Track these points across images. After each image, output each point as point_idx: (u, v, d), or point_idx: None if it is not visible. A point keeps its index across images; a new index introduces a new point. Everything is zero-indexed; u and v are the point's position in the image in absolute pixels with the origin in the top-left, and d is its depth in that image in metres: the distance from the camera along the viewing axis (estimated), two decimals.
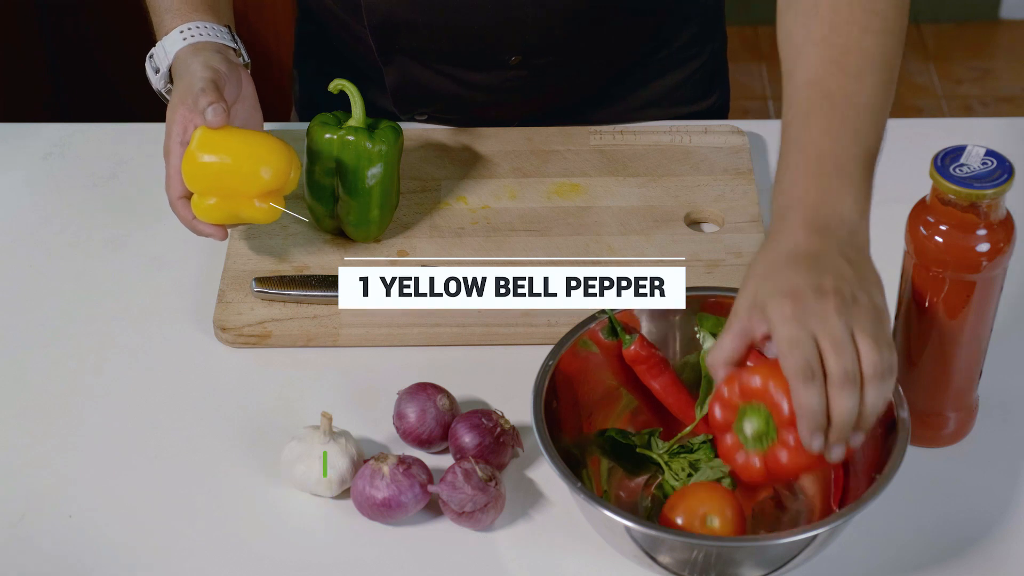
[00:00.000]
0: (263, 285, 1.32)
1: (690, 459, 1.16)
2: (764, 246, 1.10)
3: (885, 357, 1.03)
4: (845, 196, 1.09)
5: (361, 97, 1.33)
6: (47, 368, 1.30)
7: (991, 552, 1.14)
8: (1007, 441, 1.22)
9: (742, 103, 3.16)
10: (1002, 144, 1.16)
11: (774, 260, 1.07)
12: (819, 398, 1.02)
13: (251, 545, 1.15)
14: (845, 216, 1.08)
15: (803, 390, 1.02)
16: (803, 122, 1.13)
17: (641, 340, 1.19)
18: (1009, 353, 1.28)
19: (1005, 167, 1.08)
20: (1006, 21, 3.45)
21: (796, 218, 1.09)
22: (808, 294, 1.04)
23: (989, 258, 1.10)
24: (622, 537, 1.07)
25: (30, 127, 1.58)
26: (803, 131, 1.12)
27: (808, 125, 1.12)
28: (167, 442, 1.23)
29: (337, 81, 1.33)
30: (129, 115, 1.73)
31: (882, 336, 1.04)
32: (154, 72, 1.35)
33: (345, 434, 1.18)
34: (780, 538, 1.05)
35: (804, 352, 1.02)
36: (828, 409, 1.02)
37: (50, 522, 1.17)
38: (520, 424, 1.20)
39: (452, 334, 1.31)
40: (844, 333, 1.03)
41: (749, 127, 1.52)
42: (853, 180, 1.10)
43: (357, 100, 1.33)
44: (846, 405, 1.02)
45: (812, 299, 1.03)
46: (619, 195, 1.43)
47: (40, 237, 1.43)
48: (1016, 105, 3.19)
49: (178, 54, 1.32)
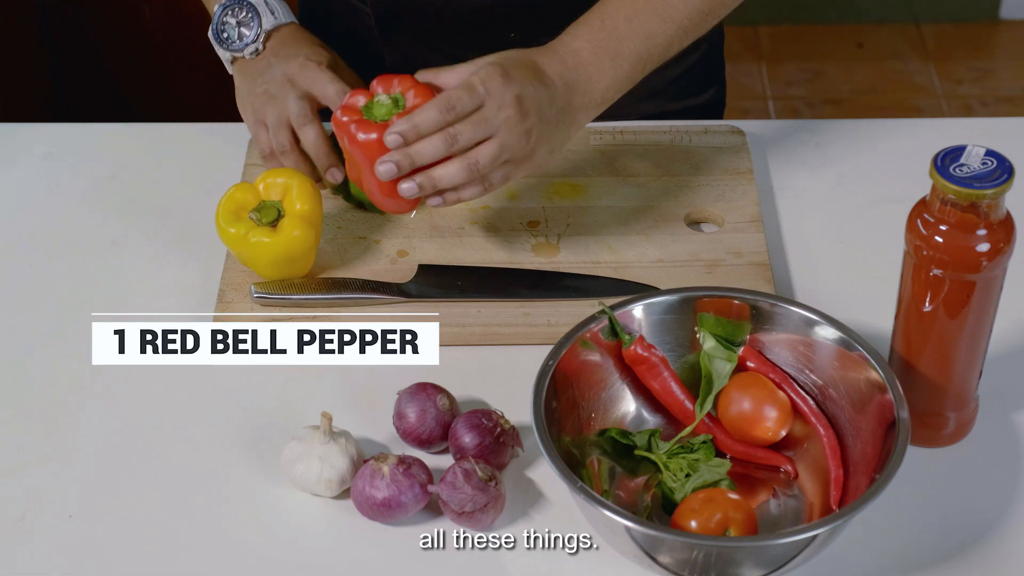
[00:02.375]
0: (262, 290, 1.32)
1: (690, 459, 1.16)
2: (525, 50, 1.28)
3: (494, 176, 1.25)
4: (604, 76, 1.28)
5: None
6: (47, 368, 1.30)
7: (991, 552, 1.14)
8: (1007, 441, 1.22)
9: (742, 103, 3.16)
10: (1002, 144, 1.16)
11: (525, 58, 1.27)
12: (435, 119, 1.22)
13: (251, 545, 1.15)
14: (592, 89, 1.28)
15: (429, 108, 1.22)
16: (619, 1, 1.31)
17: (641, 340, 1.19)
18: (1009, 353, 1.28)
19: (1005, 167, 1.08)
20: (1006, 21, 3.45)
21: (561, 57, 1.28)
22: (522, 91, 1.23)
23: (989, 258, 1.10)
24: (622, 537, 1.07)
25: (30, 127, 1.58)
26: (613, 5, 1.30)
27: (621, 4, 1.30)
28: (167, 442, 1.23)
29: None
30: (129, 115, 1.73)
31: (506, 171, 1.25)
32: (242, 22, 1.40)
33: (345, 434, 1.18)
34: (780, 538, 1.05)
35: (466, 100, 1.22)
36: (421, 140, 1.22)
37: (50, 522, 1.17)
38: (520, 424, 1.20)
39: (452, 334, 1.31)
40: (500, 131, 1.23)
41: (749, 127, 1.53)
42: (618, 71, 1.29)
43: None
44: (430, 150, 1.23)
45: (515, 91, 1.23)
46: (619, 195, 1.43)
47: (40, 237, 1.43)
48: (1016, 105, 3.20)
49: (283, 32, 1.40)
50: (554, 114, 1.26)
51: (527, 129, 1.24)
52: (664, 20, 1.30)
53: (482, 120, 1.23)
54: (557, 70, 1.27)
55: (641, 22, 1.30)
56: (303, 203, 1.31)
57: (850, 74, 3.28)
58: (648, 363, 1.19)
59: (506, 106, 1.23)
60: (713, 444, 1.18)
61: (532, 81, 1.25)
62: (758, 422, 1.17)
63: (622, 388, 1.21)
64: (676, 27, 1.31)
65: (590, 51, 1.29)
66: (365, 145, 1.26)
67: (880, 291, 1.27)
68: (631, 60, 1.30)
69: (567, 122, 1.28)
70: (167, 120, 1.60)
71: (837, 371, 1.17)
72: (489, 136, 1.24)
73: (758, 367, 1.19)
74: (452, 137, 1.23)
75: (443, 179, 1.24)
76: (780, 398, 1.18)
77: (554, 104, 1.26)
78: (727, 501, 1.10)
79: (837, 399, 1.17)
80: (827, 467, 1.14)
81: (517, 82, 1.24)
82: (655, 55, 1.31)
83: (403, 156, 1.23)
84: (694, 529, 1.09)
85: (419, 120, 1.23)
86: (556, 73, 1.27)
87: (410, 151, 1.23)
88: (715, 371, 1.19)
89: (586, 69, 1.28)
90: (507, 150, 1.24)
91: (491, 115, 1.23)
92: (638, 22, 1.30)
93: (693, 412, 1.19)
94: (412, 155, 1.23)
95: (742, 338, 1.20)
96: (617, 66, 1.29)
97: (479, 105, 1.23)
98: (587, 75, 1.28)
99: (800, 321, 1.18)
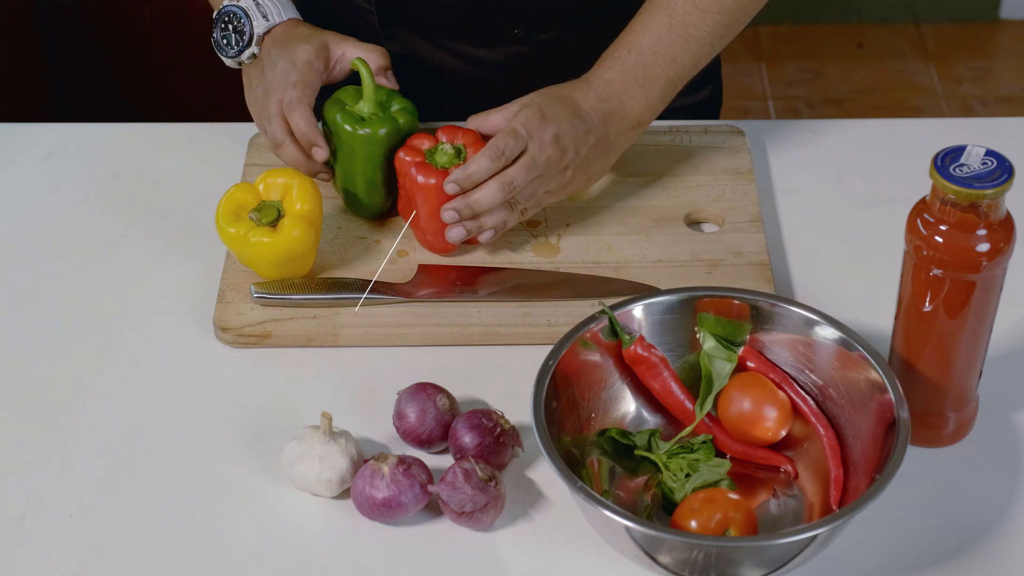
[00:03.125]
0: (262, 289, 1.32)
1: (689, 459, 1.16)
2: (562, 85, 1.35)
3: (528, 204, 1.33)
4: (637, 103, 1.35)
5: (371, 74, 1.35)
6: (47, 368, 1.30)
7: (991, 552, 1.14)
8: (1007, 441, 1.22)
9: (742, 103, 3.16)
10: (1002, 144, 1.16)
11: (562, 94, 1.34)
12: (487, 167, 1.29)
13: (251, 545, 1.15)
14: (626, 115, 1.35)
15: (481, 158, 1.30)
16: (643, 27, 1.36)
17: (641, 340, 1.19)
18: (1009, 353, 1.28)
19: (1005, 167, 1.08)
20: (1006, 21, 3.45)
21: (595, 89, 1.34)
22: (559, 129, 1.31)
23: (989, 258, 1.10)
24: (622, 537, 1.07)
25: (30, 127, 1.58)
26: (637, 35, 1.36)
27: (645, 31, 1.36)
28: (167, 442, 1.23)
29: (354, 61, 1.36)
30: (129, 115, 1.73)
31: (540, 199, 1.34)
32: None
33: (345, 434, 1.18)
34: (780, 538, 1.05)
35: (512, 145, 1.30)
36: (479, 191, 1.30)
37: (50, 522, 1.17)
38: (520, 424, 1.20)
39: (452, 334, 1.31)
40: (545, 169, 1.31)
41: (749, 127, 1.53)
42: (650, 94, 1.35)
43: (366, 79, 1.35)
44: (489, 198, 1.31)
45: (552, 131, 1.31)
46: (619, 195, 1.43)
47: (40, 237, 1.43)
48: (1016, 105, 3.19)
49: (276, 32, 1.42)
50: (591, 146, 1.34)
51: (565, 166, 1.33)
52: (688, 41, 1.35)
53: (531, 163, 1.31)
54: (592, 103, 1.34)
55: (665, 46, 1.35)
56: (303, 203, 1.31)
57: (850, 74, 3.28)
58: (648, 363, 1.19)
59: (546, 146, 1.31)
60: (713, 444, 1.18)
61: (568, 118, 1.32)
62: (758, 422, 1.17)
63: (622, 388, 1.21)
64: (700, 45, 1.36)
65: (620, 81, 1.35)
66: (424, 188, 1.32)
67: (880, 291, 1.27)
68: (661, 83, 1.36)
69: (606, 150, 1.36)
70: (167, 120, 1.60)
71: (837, 371, 1.17)
72: (538, 175, 1.32)
73: (758, 367, 1.19)
74: (509, 184, 1.31)
75: (488, 220, 1.33)
76: (780, 398, 1.18)
77: (590, 136, 1.33)
78: (727, 501, 1.10)
79: (837, 399, 1.17)
80: (827, 467, 1.14)
81: (554, 121, 1.31)
82: (683, 74, 1.37)
83: (465, 206, 1.31)
84: (694, 529, 1.09)
85: (472, 170, 1.31)
86: (591, 106, 1.34)
87: (470, 201, 1.31)
88: (715, 371, 1.19)
89: (619, 98, 1.35)
90: (547, 184, 1.33)
91: (537, 156, 1.31)
92: (662, 47, 1.35)
93: (693, 412, 1.19)
94: (472, 204, 1.31)
95: (742, 338, 1.20)
96: (648, 91, 1.35)
97: (524, 148, 1.31)
98: (620, 103, 1.35)
99: (800, 321, 1.18)
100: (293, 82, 1.36)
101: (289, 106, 1.36)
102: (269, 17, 1.41)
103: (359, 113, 1.35)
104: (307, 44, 1.39)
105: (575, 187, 1.36)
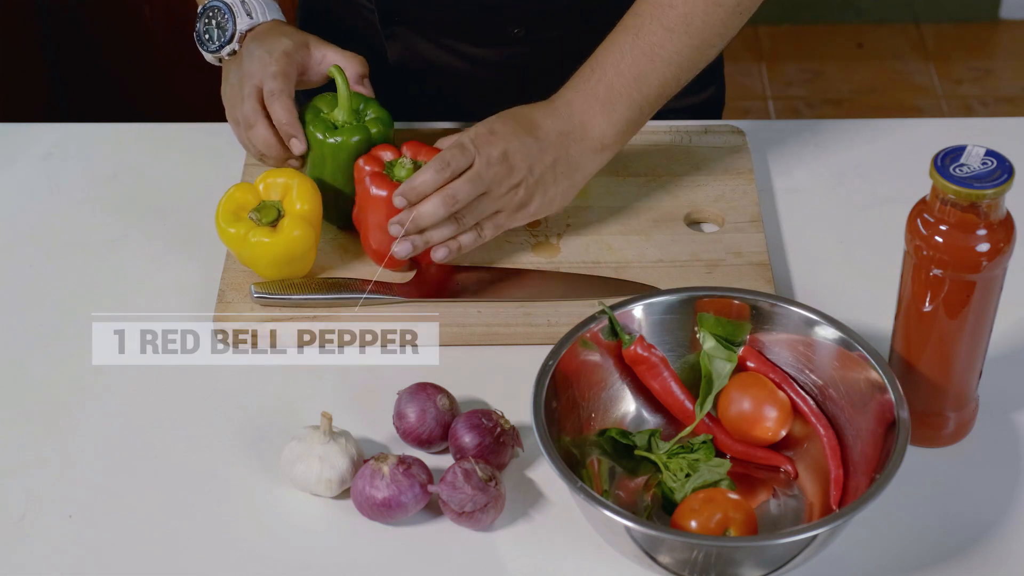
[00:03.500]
0: (262, 289, 1.32)
1: (689, 459, 1.16)
2: (525, 106, 1.33)
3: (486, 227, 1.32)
4: (599, 122, 1.33)
5: (346, 83, 1.34)
6: (47, 368, 1.30)
7: (991, 552, 1.14)
8: (1007, 441, 1.22)
9: (742, 103, 3.16)
10: (1002, 144, 1.16)
11: (519, 114, 1.32)
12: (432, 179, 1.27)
13: (251, 545, 1.15)
14: (588, 136, 1.33)
15: (427, 170, 1.28)
16: (608, 47, 1.34)
17: (641, 340, 1.19)
18: (1009, 353, 1.28)
19: (1005, 167, 1.08)
20: (1006, 21, 3.45)
21: (555, 109, 1.33)
22: (507, 147, 1.29)
23: (989, 258, 1.10)
24: (622, 537, 1.07)
25: (30, 127, 1.58)
26: (602, 55, 1.34)
27: (609, 52, 1.34)
28: (167, 442, 1.23)
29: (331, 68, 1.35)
30: (129, 115, 1.73)
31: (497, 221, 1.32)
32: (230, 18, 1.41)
33: (345, 434, 1.18)
34: (780, 538, 1.05)
35: (459, 158, 1.28)
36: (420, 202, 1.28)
37: (50, 522, 1.17)
38: (520, 424, 1.20)
39: (452, 334, 1.31)
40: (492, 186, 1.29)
41: (749, 127, 1.53)
42: (612, 115, 1.33)
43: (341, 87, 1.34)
44: (431, 212, 1.28)
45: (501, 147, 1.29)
46: (619, 195, 1.43)
47: (40, 237, 1.43)
48: (1016, 105, 3.20)
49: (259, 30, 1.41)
50: (547, 166, 1.31)
51: (515, 183, 1.30)
52: (653, 61, 1.32)
53: (476, 176, 1.29)
54: (551, 123, 1.32)
55: (629, 65, 1.32)
56: (303, 203, 1.31)
57: (850, 74, 3.28)
58: (648, 363, 1.19)
59: (493, 163, 1.29)
60: (713, 444, 1.18)
61: (520, 136, 1.30)
62: (758, 422, 1.17)
63: (622, 388, 1.21)
64: (666, 65, 1.33)
65: (581, 100, 1.33)
66: (374, 200, 1.31)
67: (880, 291, 1.27)
68: (624, 103, 1.33)
69: (570, 171, 1.33)
70: (167, 120, 1.60)
71: (837, 371, 1.17)
72: (484, 192, 1.30)
73: (758, 367, 1.19)
74: (451, 199, 1.28)
75: (433, 235, 1.30)
76: (780, 398, 1.18)
77: (545, 156, 1.31)
78: (727, 501, 1.10)
79: (837, 399, 1.17)
80: (827, 467, 1.14)
81: (503, 138, 1.29)
82: (651, 96, 1.34)
83: (408, 219, 1.29)
84: (694, 529, 1.09)
85: (418, 182, 1.28)
86: (549, 127, 1.32)
87: (415, 214, 1.29)
88: (715, 371, 1.19)
89: (579, 118, 1.33)
90: (496, 203, 1.31)
91: (482, 171, 1.29)
92: (625, 66, 1.32)
93: (693, 412, 1.19)
94: (416, 219, 1.29)
95: (742, 338, 1.20)
96: (610, 112, 1.33)
97: (471, 162, 1.29)
98: (581, 124, 1.33)
99: (800, 321, 1.18)
100: (272, 73, 1.35)
101: (270, 96, 1.35)
102: (253, 15, 1.41)
103: (332, 120, 1.35)
104: (287, 39, 1.38)
105: (535, 209, 1.33)
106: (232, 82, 1.40)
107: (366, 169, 1.31)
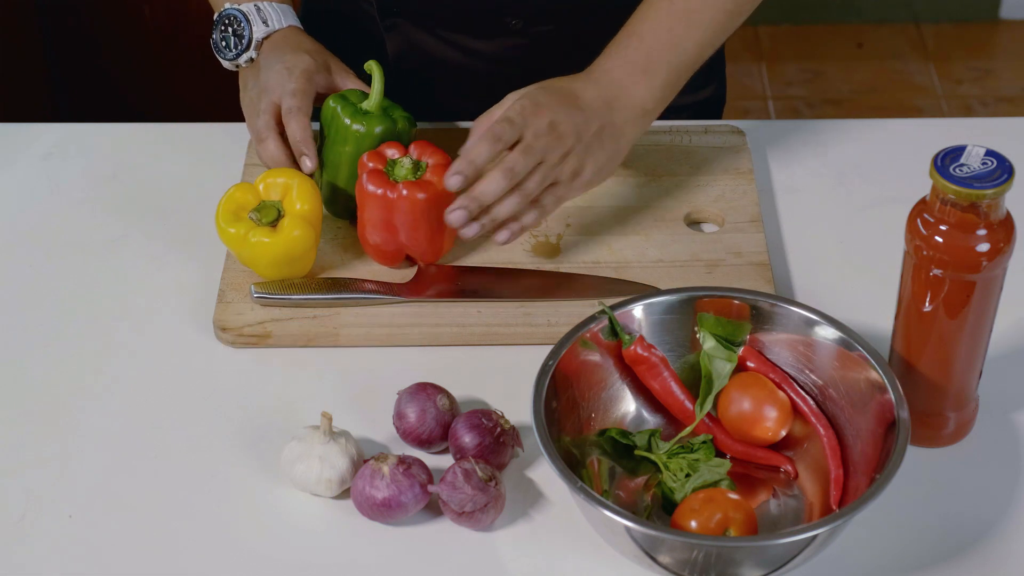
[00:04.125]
0: (262, 289, 1.32)
1: (689, 459, 1.16)
2: (561, 78, 1.32)
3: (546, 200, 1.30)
4: (640, 89, 1.33)
5: (382, 79, 1.34)
6: (47, 368, 1.30)
7: (991, 552, 1.14)
8: (1007, 441, 1.22)
9: (742, 103, 3.16)
10: (1002, 144, 1.16)
11: (558, 85, 1.31)
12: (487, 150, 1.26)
13: (251, 545, 1.15)
14: (631, 103, 1.32)
15: (479, 143, 1.26)
16: (643, 14, 1.35)
17: (641, 340, 1.19)
18: (1009, 353, 1.28)
19: (1005, 167, 1.08)
20: (1006, 21, 3.45)
21: (594, 79, 1.32)
22: (554, 118, 1.27)
23: (989, 258, 1.10)
24: (622, 537, 1.07)
25: (30, 127, 1.58)
26: (638, 22, 1.35)
27: (645, 18, 1.35)
28: (167, 442, 1.23)
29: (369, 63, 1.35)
30: (129, 115, 1.73)
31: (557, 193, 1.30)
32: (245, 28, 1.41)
33: (345, 434, 1.18)
34: (780, 538, 1.05)
35: (508, 131, 1.26)
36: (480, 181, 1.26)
37: (50, 522, 1.17)
38: (520, 424, 1.20)
39: (452, 334, 1.31)
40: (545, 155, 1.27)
41: (749, 127, 1.53)
42: (653, 80, 1.33)
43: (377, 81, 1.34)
44: (493, 188, 1.25)
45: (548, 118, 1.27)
46: (619, 195, 1.43)
47: (40, 237, 1.43)
48: (1016, 105, 3.20)
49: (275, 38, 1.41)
50: (594, 133, 1.30)
51: (566, 151, 1.29)
52: (690, 26, 1.34)
53: (528, 148, 1.27)
54: (592, 93, 1.31)
55: (666, 31, 1.33)
56: (303, 203, 1.31)
57: (850, 74, 3.28)
58: (648, 363, 1.19)
59: (542, 134, 1.27)
60: (713, 444, 1.18)
61: (564, 107, 1.29)
62: (758, 422, 1.17)
63: (622, 388, 1.21)
64: (703, 30, 1.34)
65: (621, 68, 1.33)
66: (371, 197, 1.30)
67: (880, 291, 1.27)
68: (664, 68, 1.33)
69: (615, 137, 1.32)
70: (167, 120, 1.60)
71: (837, 371, 1.17)
72: (539, 162, 1.28)
73: (758, 367, 1.19)
74: (509, 171, 1.26)
75: (500, 211, 1.28)
76: (780, 398, 1.18)
77: (591, 124, 1.30)
78: (727, 501, 1.10)
79: (837, 399, 1.17)
80: (827, 467, 1.14)
81: (549, 109, 1.28)
82: (688, 60, 1.35)
83: (471, 200, 1.26)
84: (694, 529, 1.09)
85: (473, 155, 1.26)
86: (591, 96, 1.31)
87: (476, 194, 1.26)
88: (715, 371, 1.19)
89: (621, 86, 1.32)
90: (552, 172, 1.29)
91: (532, 142, 1.27)
92: (663, 31, 1.34)
93: (693, 412, 1.19)
94: (479, 197, 1.26)
95: (742, 338, 1.20)
96: (651, 77, 1.33)
97: (520, 136, 1.27)
98: (623, 91, 1.32)
99: (800, 321, 1.18)
100: (292, 90, 1.36)
101: (288, 113, 1.35)
102: (269, 23, 1.41)
103: (361, 108, 1.35)
104: (309, 57, 1.38)
105: (589, 176, 1.31)
106: (251, 94, 1.40)
107: (369, 165, 1.31)
